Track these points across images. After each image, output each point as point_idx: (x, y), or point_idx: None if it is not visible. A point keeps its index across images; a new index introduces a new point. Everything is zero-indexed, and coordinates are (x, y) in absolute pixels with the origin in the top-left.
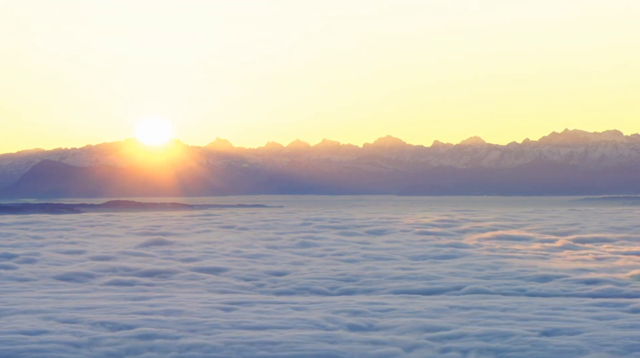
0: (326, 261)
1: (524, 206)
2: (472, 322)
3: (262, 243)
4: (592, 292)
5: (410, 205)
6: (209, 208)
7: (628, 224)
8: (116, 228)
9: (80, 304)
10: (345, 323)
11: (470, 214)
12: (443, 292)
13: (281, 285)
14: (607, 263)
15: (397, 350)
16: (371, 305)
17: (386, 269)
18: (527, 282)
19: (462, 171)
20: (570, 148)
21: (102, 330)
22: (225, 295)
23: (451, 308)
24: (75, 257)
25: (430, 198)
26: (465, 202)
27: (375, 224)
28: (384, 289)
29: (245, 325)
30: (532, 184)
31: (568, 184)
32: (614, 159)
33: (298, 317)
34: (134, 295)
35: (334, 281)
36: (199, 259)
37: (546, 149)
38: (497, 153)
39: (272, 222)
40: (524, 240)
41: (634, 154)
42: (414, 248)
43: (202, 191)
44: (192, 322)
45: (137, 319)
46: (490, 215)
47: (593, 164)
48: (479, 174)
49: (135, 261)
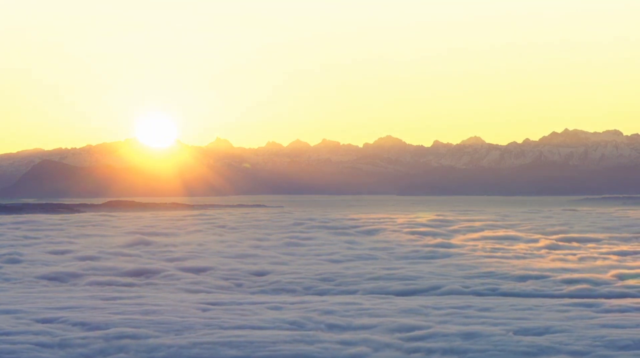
0: (308, 261)
1: (522, 206)
2: (444, 322)
3: (249, 243)
4: (567, 292)
5: (410, 205)
6: (209, 208)
7: (617, 224)
8: (108, 228)
9: (58, 304)
10: (318, 323)
11: (465, 214)
12: (419, 292)
13: (259, 285)
14: (588, 263)
15: (366, 350)
16: (345, 305)
17: (367, 269)
18: (506, 282)
19: (462, 171)
20: (570, 148)
21: (76, 330)
22: (202, 295)
23: (424, 308)
24: (60, 257)
25: (431, 198)
26: (465, 202)
27: (368, 224)
28: (361, 289)
29: (218, 324)
30: (532, 184)
31: (568, 184)
32: (614, 159)
33: (272, 316)
34: (112, 295)
35: (311, 281)
36: (183, 259)
37: (546, 149)
38: (497, 153)
39: (265, 222)
40: (511, 240)
41: (634, 154)
42: (400, 248)
43: (203, 191)
44: (166, 321)
45: (112, 319)
46: (484, 215)
47: (593, 164)
48: (479, 174)
49: (119, 261)
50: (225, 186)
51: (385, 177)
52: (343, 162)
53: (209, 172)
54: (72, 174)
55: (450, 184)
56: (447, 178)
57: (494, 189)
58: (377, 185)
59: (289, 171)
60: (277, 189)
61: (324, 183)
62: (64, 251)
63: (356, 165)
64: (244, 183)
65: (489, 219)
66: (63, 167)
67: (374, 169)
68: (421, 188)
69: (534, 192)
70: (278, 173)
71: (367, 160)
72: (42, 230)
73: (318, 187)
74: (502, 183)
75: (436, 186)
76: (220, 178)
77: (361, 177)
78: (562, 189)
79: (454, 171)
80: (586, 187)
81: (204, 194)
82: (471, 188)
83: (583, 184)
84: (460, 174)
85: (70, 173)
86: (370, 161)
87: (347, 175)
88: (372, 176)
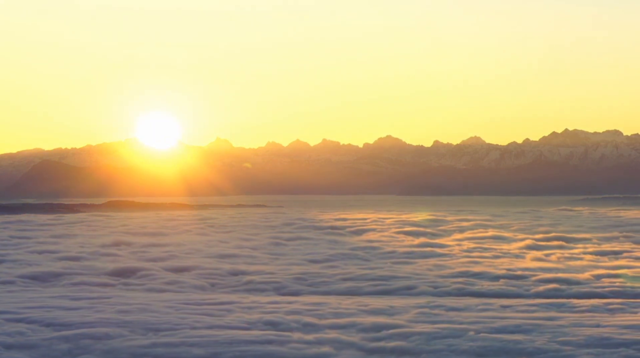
0: (287, 261)
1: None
2: (411, 322)
3: (234, 243)
4: (537, 292)
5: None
6: (208, 208)
7: (606, 224)
8: (97, 228)
9: (32, 304)
10: (285, 323)
11: (458, 214)
12: (392, 293)
13: (232, 285)
14: (567, 263)
15: (330, 351)
16: (314, 305)
17: (345, 269)
18: (480, 282)
19: (462, 171)
20: (570, 148)
21: (46, 330)
22: (176, 295)
23: (393, 308)
24: (42, 257)
25: (431, 198)
26: (465, 202)
27: (359, 224)
28: (333, 290)
29: (189, 324)
30: (532, 184)
31: (568, 184)
32: (614, 159)
33: (240, 316)
34: (87, 295)
35: (285, 281)
36: (164, 259)
37: (546, 149)
38: (497, 153)
39: (255, 222)
40: (497, 240)
41: (634, 154)
42: (384, 247)
43: (205, 191)
44: (136, 321)
45: (84, 319)
46: (476, 215)
47: (593, 164)
48: (479, 174)
49: (101, 261)
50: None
51: (385, 177)
52: (343, 162)
53: (210, 172)
54: (72, 174)
55: (450, 184)
56: (447, 178)
57: (494, 189)
58: (377, 185)
59: (289, 171)
60: (277, 190)
61: (324, 183)
62: (48, 251)
63: (356, 165)
64: (245, 183)
65: (480, 219)
66: (63, 167)
67: (374, 169)
68: (421, 188)
69: (534, 192)
70: (278, 173)
71: (367, 160)
72: (30, 230)
73: (318, 187)
74: (502, 183)
75: (436, 186)
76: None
77: (361, 177)
78: (562, 189)
79: (454, 171)
80: (586, 187)
81: (205, 195)
82: (471, 188)
83: (583, 185)
84: (460, 174)
85: (70, 173)
86: (370, 161)
87: (347, 175)
88: (372, 176)
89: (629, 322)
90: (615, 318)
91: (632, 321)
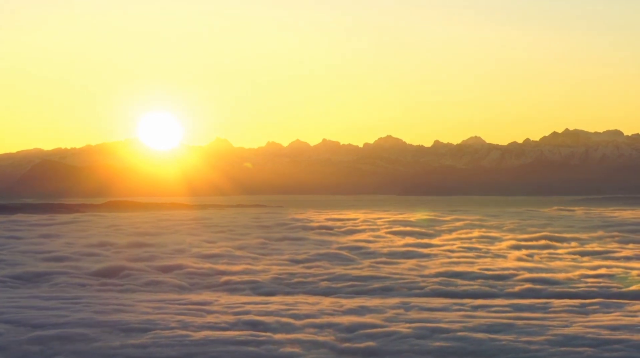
0: (272, 262)
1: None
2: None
3: (222, 243)
4: (515, 292)
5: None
6: (208, 208)
7: (600, 224)
8: (88, 228)
9: (11, 304)
10: (258, 323)
11: (455, 214)
12: (370, 293)
13: (209, 285)
14: (550, 263)
15: (299, 351)
16: (288, 305)
17: (326, 269)
18: (460, 282)
19: (462, 171)
20: (571, 148)
21: (20, 331)
22: (154, 295)
23: (367, 309)
24: (29, 257)
25: (431, 198)
26: (464, 202)
27: (353, 224)
28: (310, 290)
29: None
30: (532, 184)
31: (569, 184)
32: (614, 159)
33: (215, 317)
34: (66, 295)
35: (263, 281)
36: (149, 259)
37: (547, 149)
38: (497, 153)
39: (250, 222)
40: (486, 240)
41: (635, 154)
42: (372, 247)
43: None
44: (111, 322)
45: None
46: (471, 215)
47: (594, 164)
48: (479, 174)
49: (85, 261)
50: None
51: (385, 177)
52: (343, 162)
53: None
54: (72, 174)
55: (451, 184)
56: (447, 178)
57: (494, 189)
58: (377, 185)
59: (289, 171)
60: (277, 190)
61: (324, 183)
62: (33, 251)
63: (356, 165)
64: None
65: (473, 219)
66: (63, 167)
67: (374, 169)
68: (421, 188)
69: (535, 192)
70: (278, 173)
71: (367, 160)
72: (20, 230)
73: (318, 187)
74: (502, 183)
75: (436, 186)
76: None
77: (361, 177)
78: (563, 189)
79: (454, 171)
80: (587, 187)
81: (206, 195)
82: (471, 188)
83: (584, 185)
84: (460, 174)
85: (70, 173)
86: (370, 161)
87: (347, 175)
88: (372, 176)
89: (599, 323)
90: (587, 319)
91: (603, 321)
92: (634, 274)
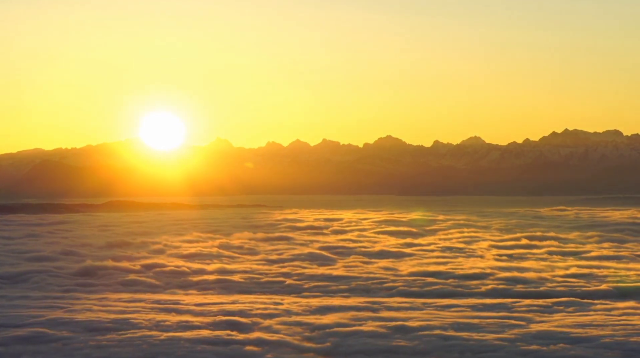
0: (250, 261)
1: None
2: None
3: (206, 243)
4: (486, 291)
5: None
6: (208, 208)
7: (589, 224)
8: (79, 228)
9: None
10: (221, 323)
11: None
12: (338, 293)
13: (180, 285)
14: (526, 263)
15: (260, 351)
16: (254, 305)
17: (301, 269)
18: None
19: (462, 171)
20: (571, 148)
21: None
22: (127, 295)
23: (333, 308)
24: (10, 257)
25: (430, 198)
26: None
27: (344, 223)
28: (280, 290)
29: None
30: (532, 184)
31: (568, 184)
32: (614, 159)
33: (183, 317)
34: (42, 295)
35: (238, 281)
36: (130, 259)
37: (546, 149)
38: (497, 153)
39: (241, 221)
40: (470, 240)
41: (635, 155)
42: (357, 247)
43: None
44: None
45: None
46: (464, 214)
47: (593, 164)
48: (479, 174)
49: (67, 261)
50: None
51: (385, 177)
52: (343, 162)
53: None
54: (72, 174)
55: (450, 184)
56: (447, 178)
57: (494, 189)
58: (377, 185)
59: (289, 171)
60: (277, 190)
61: (324, 183)
62: (17, 251)
63: (356, 165)
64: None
65: (465, 219)
66: (63, 167)
67: (374, 169)
68: (421, 188)
69: (534, 192)
70: (278, 173)
71: (367, 160)
72: (9, 230)
73: (318, 187)
74: (502, 183)
75: (436, 186)
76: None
77: (361, 177)
78: (563, 189)
79: (454, 171)
80: (586, 187)
81: (208, 195)
82: (471, 188)
83: (583, 185)
84: (460, 174)
85: (70, 173)
86: (370, 161)
87: (347, 175)
88: (372, 176)
89: (562, 321)
90: (551, 318)
91: (566, 320)
92: (604, 273)
